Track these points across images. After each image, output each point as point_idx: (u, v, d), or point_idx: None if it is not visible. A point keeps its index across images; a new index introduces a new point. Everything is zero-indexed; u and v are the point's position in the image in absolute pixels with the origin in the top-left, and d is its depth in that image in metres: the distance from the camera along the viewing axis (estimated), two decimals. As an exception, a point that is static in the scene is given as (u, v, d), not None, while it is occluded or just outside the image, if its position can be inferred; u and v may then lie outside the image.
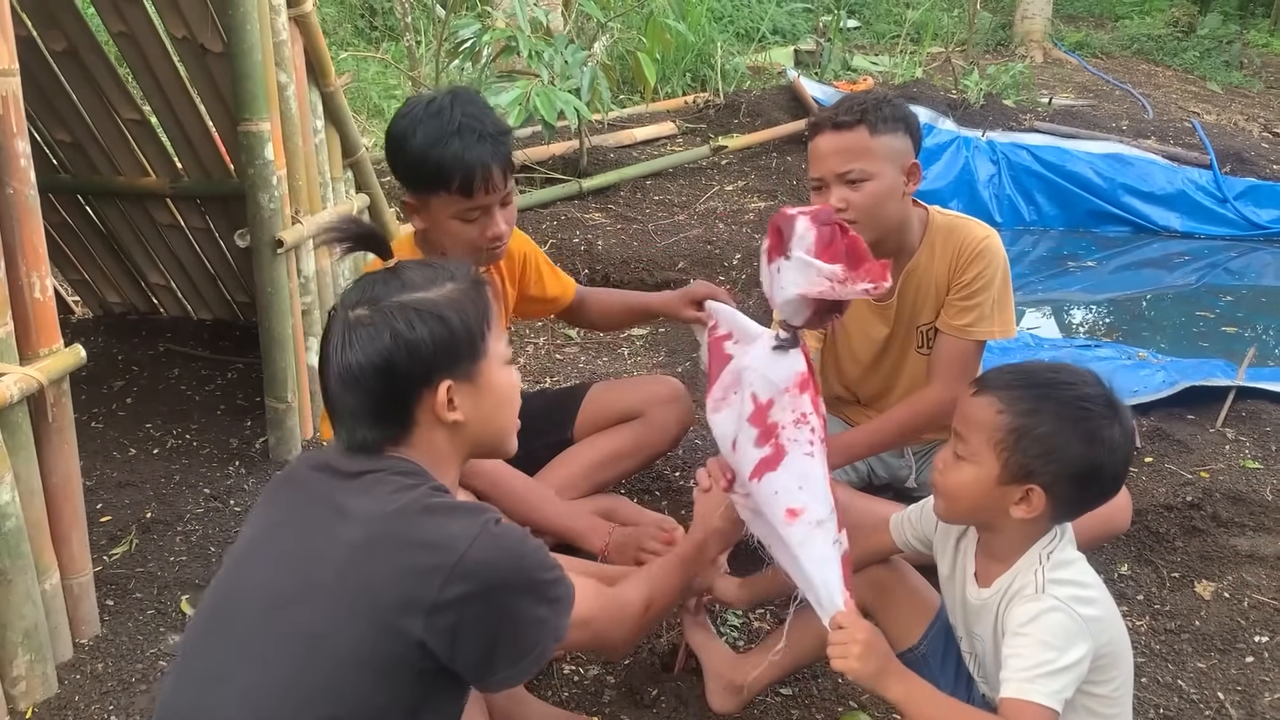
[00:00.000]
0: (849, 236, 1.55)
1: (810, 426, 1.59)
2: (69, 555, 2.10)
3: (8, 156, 1.83)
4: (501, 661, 1.30)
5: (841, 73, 7.35)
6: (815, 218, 1.56)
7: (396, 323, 1.32)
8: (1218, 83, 8.46)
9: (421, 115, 2.00)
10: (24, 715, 1.97)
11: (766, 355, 1.64)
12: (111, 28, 2.93)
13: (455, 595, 1.24)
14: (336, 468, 1.36)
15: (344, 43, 8.02)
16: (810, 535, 1.55)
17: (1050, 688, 1.40)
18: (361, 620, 1.24)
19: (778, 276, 1.59)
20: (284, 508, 1.40)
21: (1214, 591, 2.34)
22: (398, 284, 1.37)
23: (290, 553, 1.32)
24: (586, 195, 4.90)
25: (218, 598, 1.36)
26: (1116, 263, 5.21)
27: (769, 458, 1.59)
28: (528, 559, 1.32)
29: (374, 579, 1.25)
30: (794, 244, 1.55)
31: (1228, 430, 2.94)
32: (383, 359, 1.32)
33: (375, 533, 1.27)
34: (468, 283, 1.42)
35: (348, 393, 1.34)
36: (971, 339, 2.23)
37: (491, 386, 1.42)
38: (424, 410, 1.36)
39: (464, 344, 1.37)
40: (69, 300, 4.01)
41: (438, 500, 1.32)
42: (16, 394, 1.84)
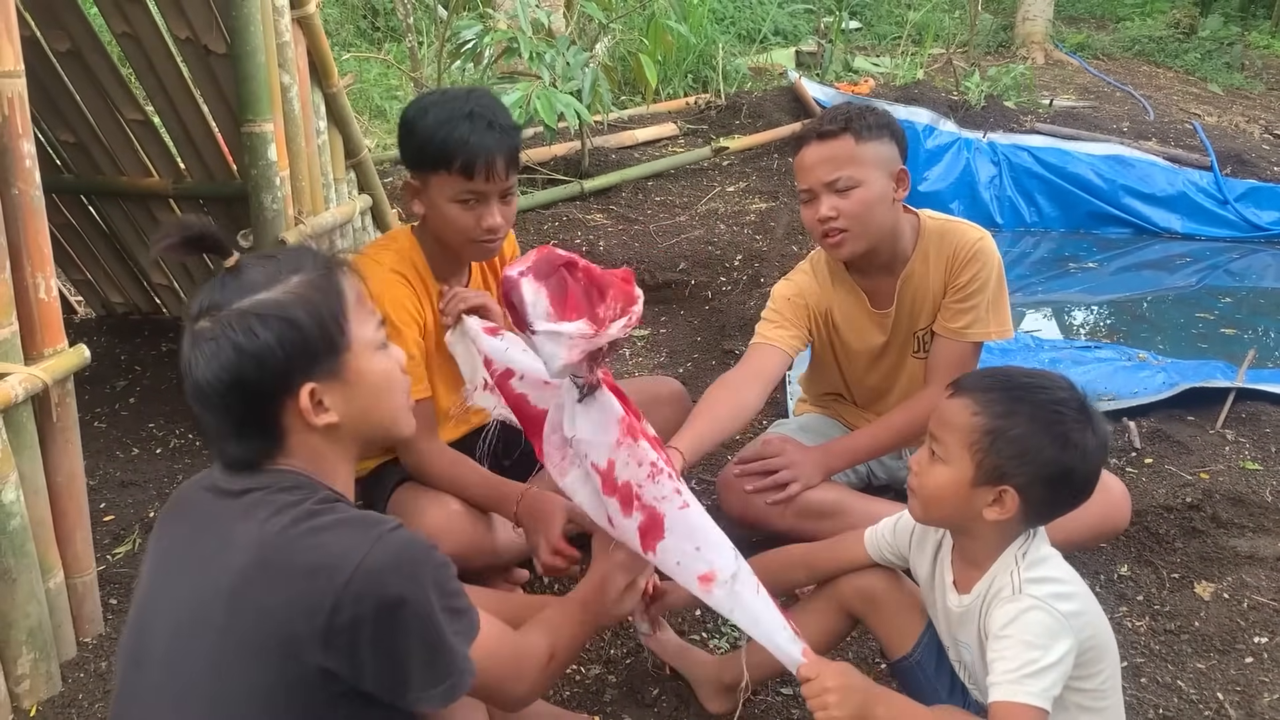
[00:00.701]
0: (578, 273, 1.44)
1: (666, 474, 1.52)
2: (73, 554, 2.11)
3: (13, 158, 1.84)
4: (413, 682, 1.21)
5: (843, 74, 7.35)
6: (536, 273, 1.42)
7: (235, 334, 1.20)
8: (1219, 84, 8.46)
9: (436, 99, 2.06)
10: (28, 713, 1.98)
11: (580, 413, 1.53)
12: (115, 28, 2.94)
13: (347, 619, 1.15)
14: (221, 488, 1.27)
15: (346, 44, 8.04)
16: (731, 597, 1.53)
17: (1037, 686, 1.41)
18: (256, 658, 1.16)
19: (538, 351, 1.47)
20: (175, 540, 1.31)
21: (1214, 592, 2.34)
22: (236, 286, 1.24)
23: (182, 592, 1.24)
24: (588, 196, 4.91)
25: (128, 647, 1.29)
26: (1117, 264, 5.22)
27: (646, 525, 1.53)
28: (427, 572, 1.21)
29: (265, 612, 1.17)
30: (531, 316, 1.42)
31: (1228, 432, 2.95)
32: (230, 374, 1.20)
33: (258, 561, 1.18)
34: (316, 271, 1.28)
35: (206, 412, 1.24)
36: (968, 341, 2.24)
37: (362, 378, 1.30)
38: (291, 418, 1.25)
39: (318, 341, 1.25)
40: (72, 300, 4.02)
41: (324, 518, 1.21)
42: (21, 394, 1.85)
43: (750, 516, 2.32)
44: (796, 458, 2.30)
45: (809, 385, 2.67)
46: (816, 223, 2.16)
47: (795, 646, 1.53)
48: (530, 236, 4.43)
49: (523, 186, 4.96)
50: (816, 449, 2.35)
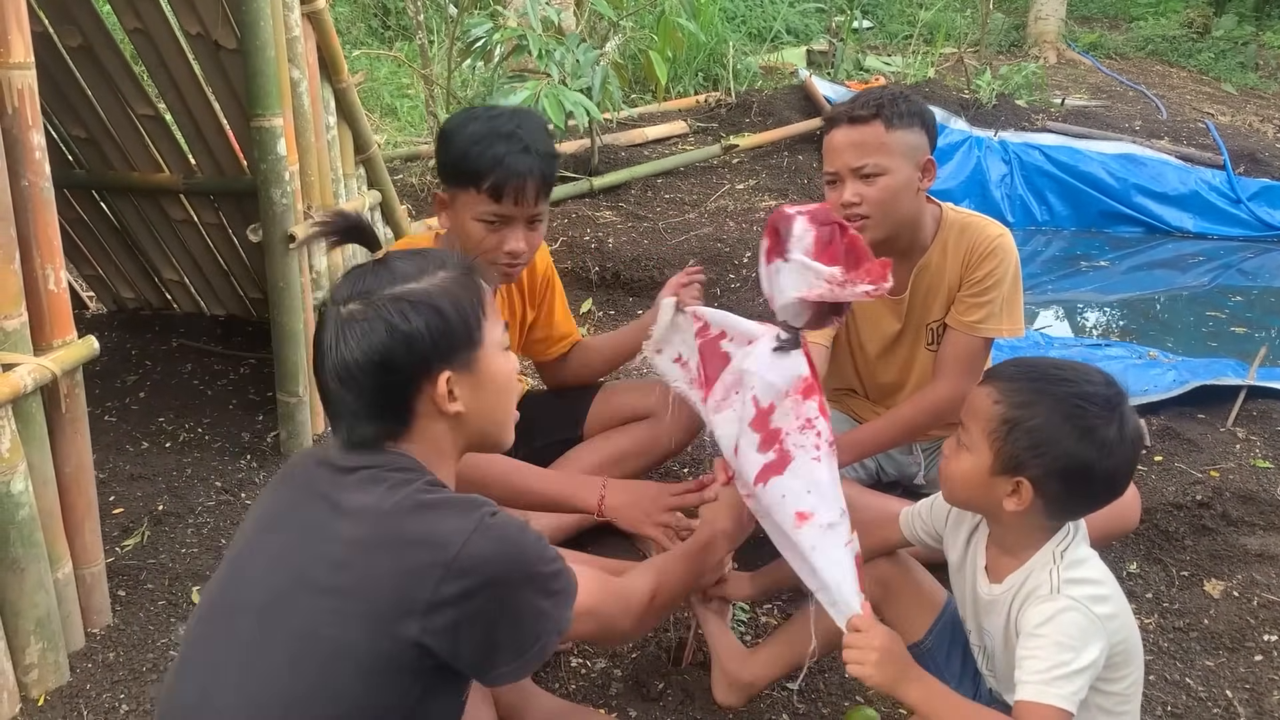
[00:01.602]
0: (848, 236, 1.52)
1: (816, 431, 1.57)
2: (81, 545, 2.11)
3: (23, 149, 1.85)
4: (503, 656, 1.28)
5: (854, 73, 7.34)
6: (814, 218, 1.53)
7: (391, 316, 1.29)
8: (1232, 84, 8.42)
9: (480, 115, 2.01)
10: (36, 703, 1.99)
11: (767, 357, 1.61)
12: (126, 24, 2.96)
13: (452, 592, 1.22)
14: (335, 463, 1.34)
15: (357, 42, 8.05)
16: (821, 538, 1.54)
17: (1067, 689, 1.40)
18: (356, 621, 1.22)
19: (776, 279, 1.56)
20: (283, 503, 1.39)
21: (1223, 590, 2.33)
22: (388, 275, 1.34)
23: (288, 550, 1.31)
24: (597, 193, 4.91)
25: (217, 593, 1.35)
26: (1129, 263, 5.19)
27: (773, 463, 1.58)
28: (526, 551, 1.30)
29: (369, 579, 1.23)
30: (792, 245, 1.52)
31: (1238, 429, 2.93)
32: (379, 354, 1.29)
33: (370, 531, 1.25)
34: (459, 270, 1.39)
35: (346, 390, 1.32)
36: (980, 336, 2.23)
37: (491, 375, 1.39)
38: (424, 403, 1.34)
39: (460, 333, 1.34)
40: (83, 296, 4.04)
41: (432, 496, 1.29)
42: (30, 384, 1.86)
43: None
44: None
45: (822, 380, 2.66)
46: (840, 206, 2.15)
47: (856, 600, 1.52)
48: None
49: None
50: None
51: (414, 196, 4.70)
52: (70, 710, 1.99)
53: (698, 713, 1.97)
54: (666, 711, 1.98)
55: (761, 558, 2.13)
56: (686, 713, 1.97)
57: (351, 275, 1.37)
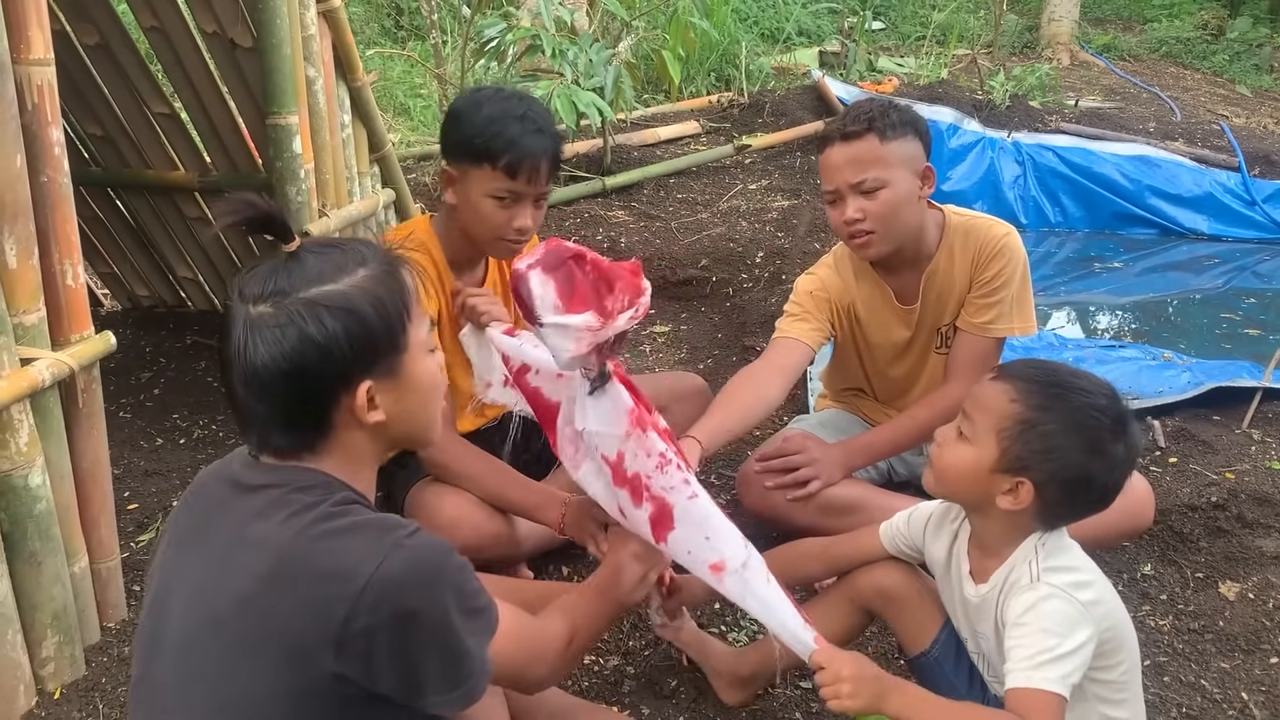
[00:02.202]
0: (586, 265, 1.44)
1: (674, 465, 1.53)
2: (97, 540, 2.12)
3: (42, 145, 1.86)
4: (430, 688, 1.19)
5: (867, 74, 7.33)
6: (545, 266, 1.43)
7: (305, 322, 1.17)
8: (1247, 86, 8.38)
9: (491, 95, 2.09)
10: (52, 696, 2.00)
11: (591, 406, 1.55)
12: (143, 22, 2.97)
13: (361, 626, 1.13)
14: (240, 481, 1.25)
15: (371, 41, 8.08)
16: (742, 584, 1.53)
17: (1055, 673, 1.40)
18: (268, 662, 1.15)
19: (545, 344, 1.49)
20: (189, 534, 1.29)
21: (1238, 592, 2.32)
22: (302, 274, 1.21)
23: (196, 588, 1.22)
24: (610, 193, 4.92)
25: (144, 633, 1.28)
26: (1142, 265, 5.17)
27: (656, 516, 1.54)
28: (444, 579, 1.19)
29: (276, 617, 1.15)
30: (539, 309, 1.43)
31: (1254, 431, 2.92)
32: (292, 363, 1.18)
33: (273, 565, 1.16)
34: (381, 266, 1.26)
35: (255, 399, 1.21)
36: (991, 336, 2.23)
37: (415, 379, 1.29)
38: (341, 413, 1.23)
39: (382, 339, 1.23)
40: (99, 293, 4.06)
41: (339, 521, 1.19)
42: (48, 379, 1.87)
43: (770, 512, 2.31)
44: (817, 455, 2.30)
45: (830, 381, 2.66)
46: (843, 224, 2.15)
47: (808, 634, 1.52)
48: (552, 233, 4.44)
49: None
50: (837, 446, 2.34)
51: (427, 195, 4.71)
52: (86, 703, 2.00)
53: (710, 710, 1.97)
54: (679, 709, 1.98)
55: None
56: (699, 710, 1.97)
57: (261, 271, 1.23)
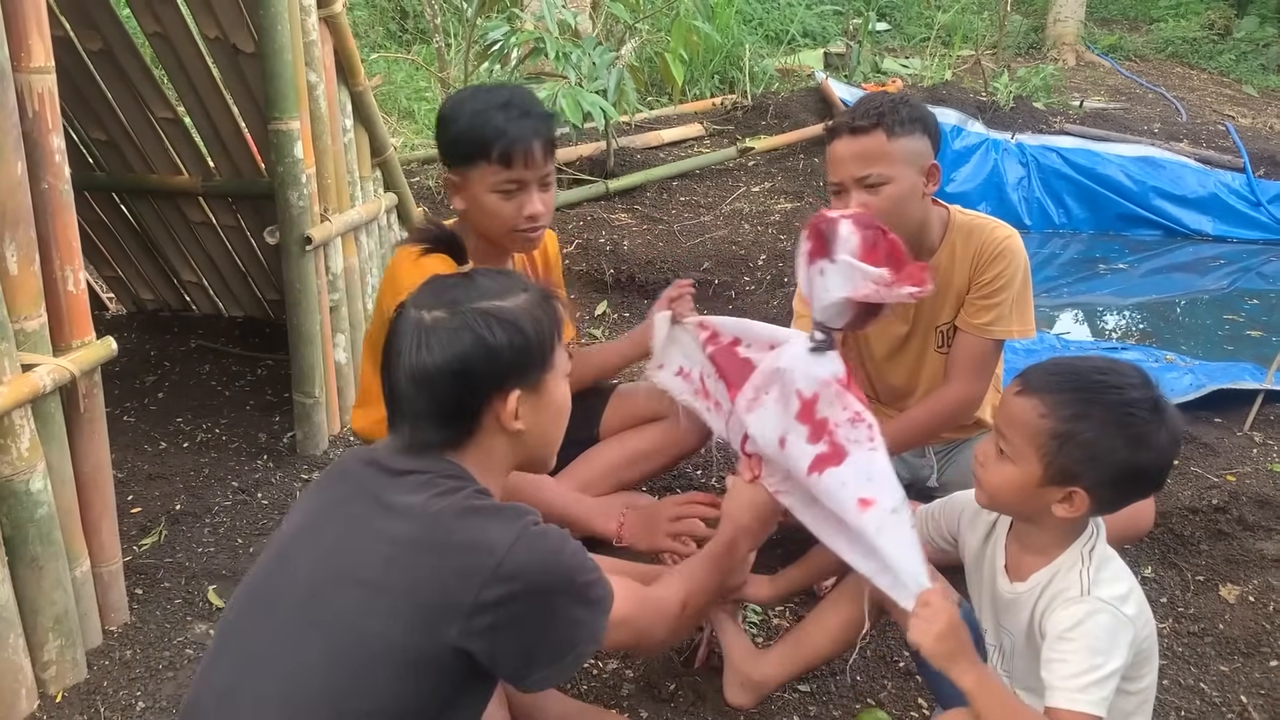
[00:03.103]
0: (890, 240, 1.57)
1: (867, 424, 1.60)
2: (99, 544, 2.13)
3: (43, 152, 1.87)
4: (540, 662, 1.32)
5: (871, 75, 7.32)
6: (858, 221, 1.57)
7: (479, 327, 1.34)
8: (1254, 86, 8.35)
9: (472, 93, 2.10)
10: (54, 699, 2.01)
11: (803, 356, 1.65)
12: (146, 28, 2.99)
13: (495, 597, 1.25)
14: (386, 465, 1.37)
15: (375, 45, 8.09)
16: (886, 522, 1.55)
17: (1099, 695, 1.40)
18: (399, 619, 1.25)
19: (820, 279, 1.59)
20: (329, 500, 1.41)
21: (1239, 595, 2.32)
22: (475, 290, 1.38)
23: (333, 544, 1.33)
24: (613, 196, 4.92)
25: (257, 583, 1.38)
26: (1147, 266, 5.16)
27: (827, 454, 1.60)
28: (567, 561, 1.34)
29: (415, 578, 1.26)
30: (838, 247, 1.56)
31: (1255, 434, 2.91)
32: (460, 362, 1.33)
33: (418, 531, 1.28)
34: (539, 294, 1.44)
35: (419, 393, 1.35)
36: (990, 338, 2.23)
37: (553, 398, 1.44)
38: (490, 416, 1.38)
39: (536, 354, 1.39)
40: (104, 297, 4.08)
41: (480, 503, 1.33)
42: (49, 384, 1.88)
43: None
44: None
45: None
46: None
47: (925, 577, 1.52)
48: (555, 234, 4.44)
49: (548, 186, 4.97)
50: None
51: (430, 199, 4.72)
52: (87, 707, 2.01)
53: (709, 714, 1.98)
54: (678, 712, 1.98)
55: (774, 560, 2.14)
56: (698, 714, 1.98)
57: (436, 285, 1.41)
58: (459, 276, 1.42)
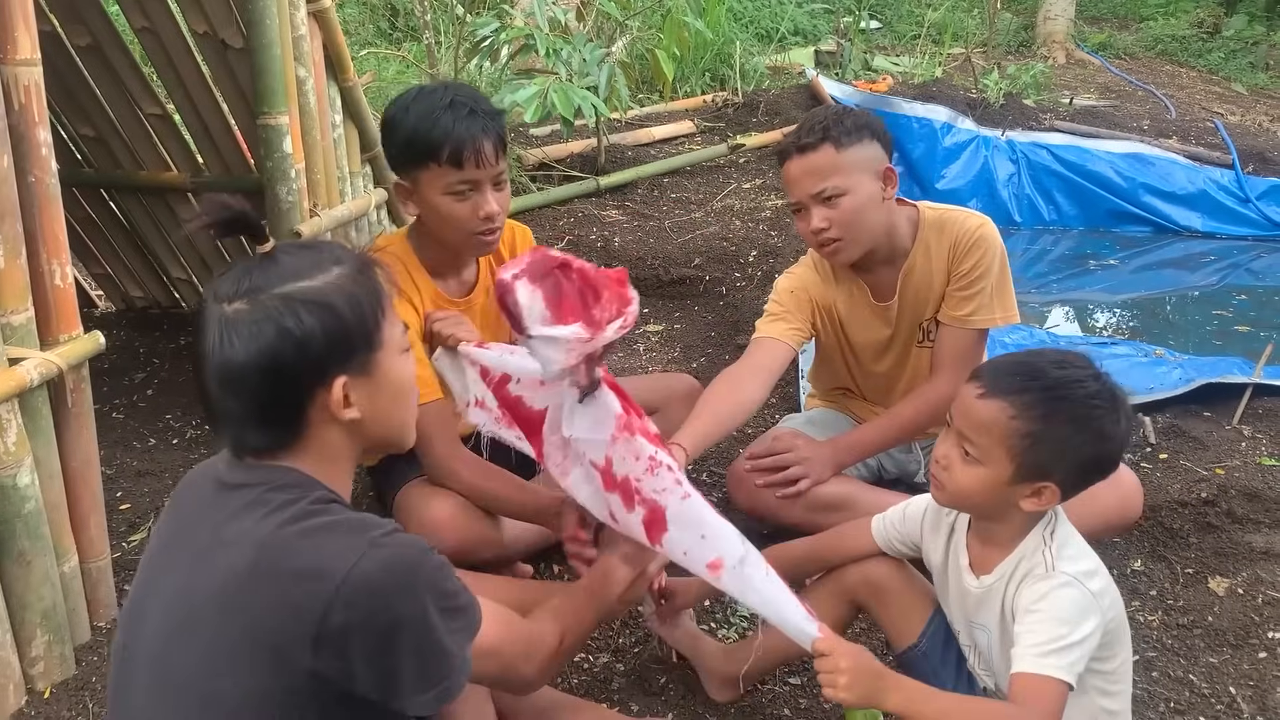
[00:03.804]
0: (573, 274, 1.45)
1: (665, 467, 1.53)
2: (88, 539, 2.13)
3: (29, 145, 1.86)
4: (408, 687, 1.19)
5: (862, 73, 7.33)
6: (531, 276, 1.44)
7: (281, 316, 1.19)
8: (1243, 84, 8.38)
9: (414, 96, 2.06)
10: (42, 695, 2.00)
11: (579, 413, 1.55)
12: (134, 23, 2.98)
13: (339, 624, 1.13)
14: (221, 479, 1.27)
15: (365, 42, 8.08)
16: (741, 580, 1.52)
17: (1064, 661, 1.41)
18: (248, 659, 1.15)
19: (534, 356, 1.50)
20: (174, 532, 1.30)
21: (1228, 587, 2.32)
22: (277, 272, 1.23)
23: (176, 586, 1.23)
24: (604, 193, 4.92)
25: (120, 644, 1.28)
26: (1137, 262, 5.17)
27: (649, 519, 1.54)
28: (420, 578, 1.20)
29: (252, 615, 1.16)
30: (527, 320, 1.44)
31: (1244, 427, 2.92)
32: (268, 358, 1.19)
33: (250, 563, 1.17)
34: (356, 266, 1.28)
35: (230, 397, 1.22)
36: (973, 328, 2.24)
37: (389, 379, 1.30)
38: (317, 410, 1.25)
39: (358, 335, 1.25)
40: (92, 294, 4.06)
41: (316, 520, 1.20)
42: (36, 379, 1.87)
43: (760, 510, 2.32)
44: (807, 453, 2.30)
45: (817, 380, 2.67)
46: (810, 234, 2.17)
47: (810, 625, 1.51)
48: (546, 232, 4.45)
49: (539, 183, 4.97)
50: (826, 444, 2.34)
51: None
52: (76, 703, 2.00)
53: (699, 707, 1.98)
54: (668, 705, 1.98)
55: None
56: (688, 707, 1.98)
57: (235, 270, 1.25)
58: (261, 257, 1.25)
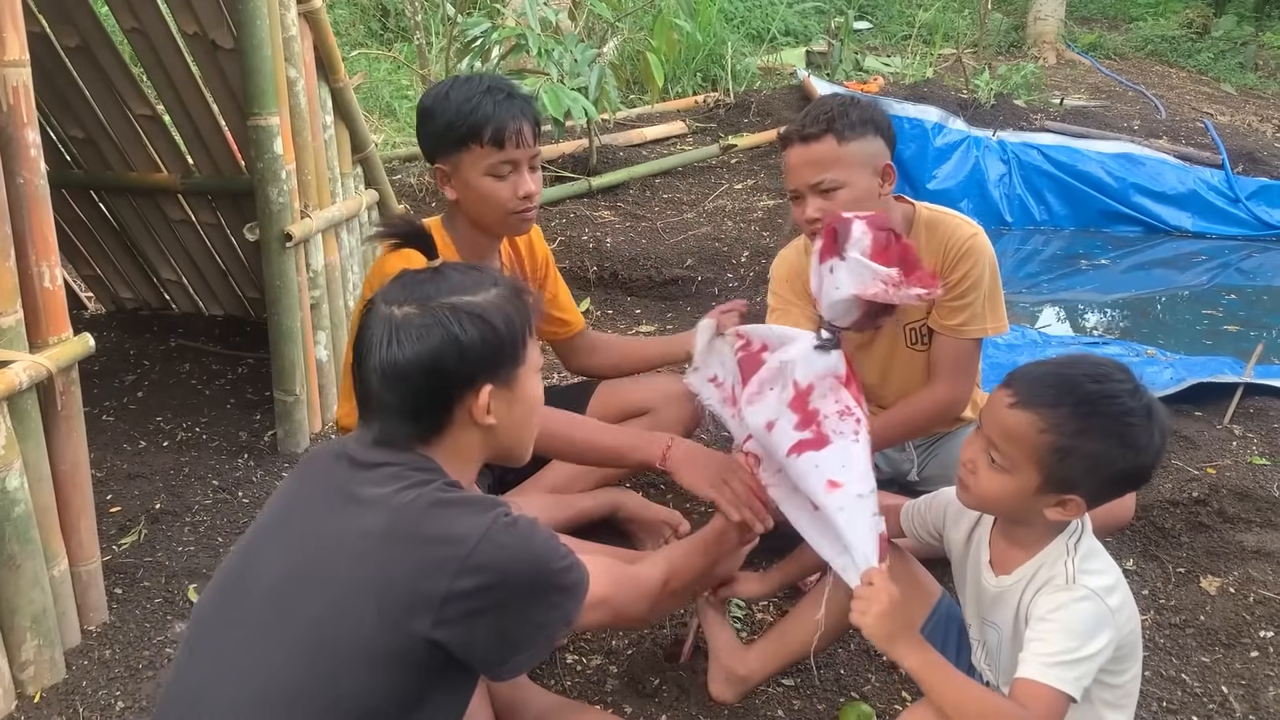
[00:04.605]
0: (902, 244, 1.58)
1: (855, 418, 1.62)
2: (77, 543, 2.11)
3: (18, 146, 1.85)
4: (514, 649, 1.32)
5: (853, 73, 7.34)
6: (871, 222, 1.58)
7: (450, 323, 1.33)
8: (1232, 84, 8.42)
9: (450, 85, 2.13)
10: (32, 700, 1.99)
11: (807, 351, 1.66)
12: (124, 24, 2.96)
13: (467, 588, 1.25)
14: (354, 458, 1.37)
15: (356, 43, 8.07)
16: (850, 504, 1.56)
17: (1070, 674, 1.41)
18: (369, 613, 1.24)
19: (830, 277, 1.61)
20: (299, 495, 1.42)
21: (1219, 587, 2.33)
22: (445, 285, 1.38)
23: (302, 539, 1.33)
24: (596, 193, 4.92)
25: (228, 581, 1.37)
26: (1127, 262, 5.19)
27: (810, 440, 1.61)
28: (538, 548, 1.34)
29: (384, 572, 1.26)
30: (849, 246, 1.57)
31: (1235, 427, 2.93)
32: (432, 358, 1.33)
33: (387, 524, 1.28)
34: (511, 289, 1.43)
35: (389, 389, 1.34)
36: (966, 338, 2.24)
37: (525, 393, 1.44)
38: (462, 411, 1.38)
39: (508, 349, 1.39)
40: (82, 296, 4.04)
41: (450, 495, 1.33)
42: (25, 381, 1.86)
43: (754, 505, 2.32)
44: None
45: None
46: (804, 222, 2.17)
47: (875, 557, 1.53)
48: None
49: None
50: (821, 440, 2.34)
51: (412, 196, 4.71)
52: (66, 707, 1.99)
53: (693, 709, 1.97)
54: (662, 707, 1.98)
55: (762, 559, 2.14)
56: (682, 709, 1.97)
57: (406, 279, 1.40)
58: (429, 271, 1.42)
